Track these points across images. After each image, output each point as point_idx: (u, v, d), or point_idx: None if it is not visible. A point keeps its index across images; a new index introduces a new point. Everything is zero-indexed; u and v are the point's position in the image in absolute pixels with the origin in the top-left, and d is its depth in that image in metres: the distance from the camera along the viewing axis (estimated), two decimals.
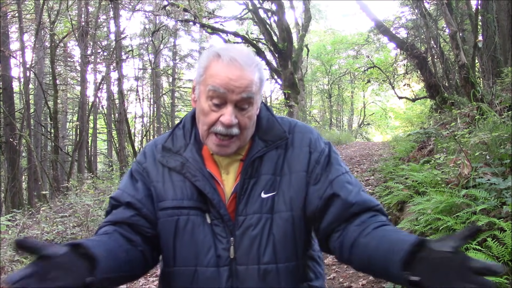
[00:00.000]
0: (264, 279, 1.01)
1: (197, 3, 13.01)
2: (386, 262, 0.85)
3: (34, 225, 5.88)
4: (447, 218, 2.64)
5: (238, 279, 1.01)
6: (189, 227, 1.03)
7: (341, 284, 3.76)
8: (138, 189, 1.07)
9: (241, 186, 1.03)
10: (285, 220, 1.02)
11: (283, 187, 1.04)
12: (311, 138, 1.10)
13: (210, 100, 1.00)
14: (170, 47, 20.62)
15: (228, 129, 1.00)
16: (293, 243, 1.03)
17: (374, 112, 27.84)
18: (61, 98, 16.87)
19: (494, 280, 2.01)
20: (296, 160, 1.06)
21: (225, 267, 1.01)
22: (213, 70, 1.01)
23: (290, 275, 1.03)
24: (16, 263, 4.08)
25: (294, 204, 1.03)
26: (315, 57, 24.56)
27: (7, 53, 9.67)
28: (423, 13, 9.39)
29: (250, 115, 1.03)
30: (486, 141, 3.54)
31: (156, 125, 19.28)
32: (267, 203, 1.02)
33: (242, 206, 1.02)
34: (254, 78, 1.02)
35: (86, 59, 12.44)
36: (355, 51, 20.04)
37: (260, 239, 1.01)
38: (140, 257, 1.03)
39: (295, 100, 13.80)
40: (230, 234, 1.02)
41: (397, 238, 0.87)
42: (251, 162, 1.04)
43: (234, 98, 0.99)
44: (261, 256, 1.01)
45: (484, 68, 7.03)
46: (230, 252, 1.01)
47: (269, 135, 1.08)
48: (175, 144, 1.09)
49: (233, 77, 0.98)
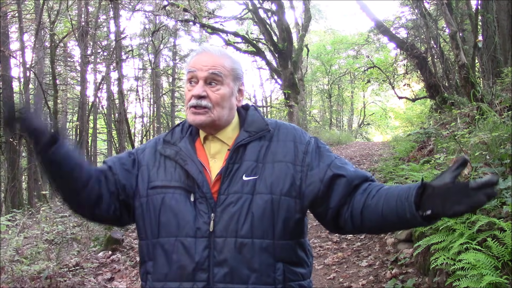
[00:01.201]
0: (240, 251, 1.13)
1: (197, 3, 13.01)
2: (399, 211, 1.03)
3: (34, 225, 5.88)
4: (447, 218, 2.64)
5: (216, 249, 1.13)
6: (173, 203, 1.18)
7: (341, 284, 3.76)
8: (125, 162, 1.29)
9: (225, 169, 1.18)
10: (264, 201, 1.15)
11: (265, 173, 1.18)
12: (295, 134, 1.26)
13: (187, 82, 1.24)
14: (170, 47, 20.61)
15: (198, 100, 1.20)
16: (270, 222, 1.15)
17: (374, 112, 27.83)
18: (61, 98, 16.87)
19: (494, 280, 2.01)
20: (280, 152, 1.21)
21: (203, 239, 1.14)
22: (190, 60, 1.26)
23: (265, 251, 1.14)
24: (16, 263, 4.08)
25: (274, 188, 1.16)
26: (315, 57, 24.54)
27: (7, 53, 9.67)
28: (423, 13, 9.39)
29: (221, 93, 1.22)
30: (486, 141, 3.54)
31: (156, 125, 19.27)
32: (248, 185, 1.16)
33: (225, 186, 1.17)
34: (223, 63, 1.23)
35: (86, 59, 12.44)
36: (355, 51, 20.02)
37: (239, 215, 1.14)
38: (97, 190, 1.22)
39: (295, 100, 13.80)
40: (212, 210, 1.16)
41: (402, 189, 1.05)
42: (236, 149, 1.20)
43: (203, 74, 1.21)
44: (238, 230, 1.14)
45: (484, 68, 7.03)
46: (210, 226, 1.14)
47: (252, 127, 1.25)
48: (173, 137, 1.29)
49: (203, 59, 1.23)
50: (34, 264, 4.07)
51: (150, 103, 20.23)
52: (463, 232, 2.47)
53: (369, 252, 4.42)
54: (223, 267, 1.13)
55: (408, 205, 1.01)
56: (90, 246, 5.55)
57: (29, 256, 4.27)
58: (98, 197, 1.22)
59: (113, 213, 1.26)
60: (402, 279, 3.40)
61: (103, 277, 4.56)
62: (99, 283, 4.40)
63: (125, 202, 1.26)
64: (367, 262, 4.12)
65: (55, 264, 4.24)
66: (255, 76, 36.63)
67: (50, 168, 1.16)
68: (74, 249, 5.28)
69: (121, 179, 1.25)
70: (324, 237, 5.35)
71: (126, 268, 4.83)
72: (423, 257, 3.23)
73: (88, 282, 4.37)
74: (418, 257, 3.33)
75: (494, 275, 2.05)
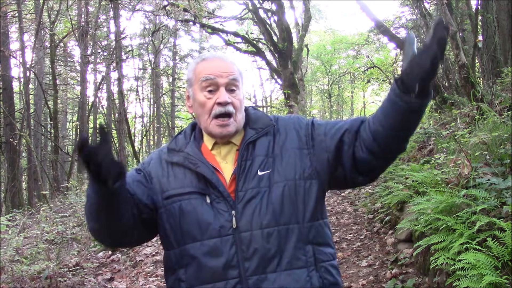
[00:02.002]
0: (268, 241, 1.14)
1: (197, 3, 13.01)
2: (390, 100, 1.08)
3: (34, 225, 5.88)
4: (447, 218, 2.64)
5: (243, 244, 1.14)
6: (190, 209, 1.18)
7: None
8: (137, 179, 1.26)
9: (239, 167, 1.20)
10: (281, 188, 1.18)
11: (277, 165, 1.21)
12: (294, 121, 1.30)
13: (204, 90, 1.23)
14: (170, 47, 20.62)
15: (225, 107, 1.20)
16: (291, 207, 1.18)
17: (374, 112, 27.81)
18: (61, 98, 16.87)
19: (494, 280, 2.01)
20: (286, 142, 1.25)
21: (228, 236, 1.15)
22: (201, 68, 1.25)
23: (292, 236, 1.16)
24: (16, 263, 4.08)
25: (288, 175, 1.20)
26: (315, 57, 24.53)
27: (7, 53, 9.67)
28: (423, 13, 9.39)
29: (240, 98, 1.25)
30: (486, 141, 3.54)
31: (156, 125, 19.28)
32: (264, 179, 1.19)
33: (242, 184, 1.18)
34: (235, 68, 1.26)
35: (86, 59, 12.44)
36: (355, 51, 20.02)
37: (260, 207, 1.16)
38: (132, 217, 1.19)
39: (295, 100, 13.80)
40: (231, 208, 1.17)
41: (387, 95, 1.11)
42: (246, 146, 1.22)
43: (224, 81, 1.22)
44: (263, 221, 1.15)
45: (484, 68, 7.03)
46: (232, 223, 1.15)
47: (258, 124, 1.27)
48: (177, 144, 1.29)
49: (219, 65, 1.24)
50: (34, 264, 4.07)
51: (150, 103, 20.25)
52: (463, 232, 2.47)
53: (369, 252, 4.42)
54: (253, 260, 1.13)
55: (392, 90, 1.07)
56: (90, 246, 5.55)
57: (29, 256, 4.27)
58: (132, 226, 1.20)
59: (138, 238, 1.25)
60: (402, 279, 3.40)
61: (103, 277, 4.56)
62: (99, 283, 4.40)
63: (147, 219, 1.23)
64: (367, 262, 4.12)
65: (55, 264, 4.25)
66: (255, 76, 36.64)
67: (106, 200, 1.10)
68: (74, 249, 5.28)
69: (141, 197, 1.22)
70: None
71: (126, 268, 4.83)
72: (423, 257, 3.23)
73: (88, 282, 4.36)
74: (418, 257, 3.33)
75: (494, 275, 2.05)
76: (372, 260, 4.13)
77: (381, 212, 4.97)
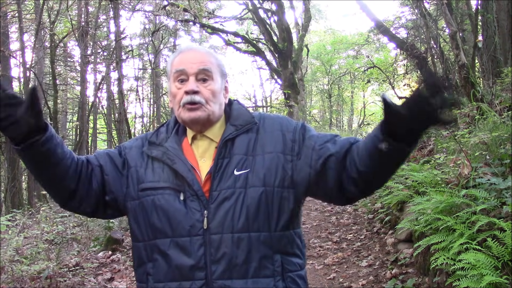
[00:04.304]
0: (238, 246, 1.12)
1: (197, 3, 13.00)
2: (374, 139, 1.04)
3: (34, 225, 5.88)
4: (447, 218, 2.65)
5: (212, 246, 1.12)
6: (163, 204, 1.16)
7: (341, 284, 3.76)
8: (116, 161, 1.26)
9: (215, 165, 1.17)
10: (259, 194, 1.14)
11: (256, 166, 1.16)
12: (281, 123, 1.25)
13: (176, 81, 1.22)
14: (170, 47, 20.60)
15: (192, 96, 1.18)
16: (265, 215, 1.14)
17: (374, 112, 27.81)
18: (61, 98, 16.87)
19: (494, 280, 2.01)
20: (269, 142, 1.20)
21: (198, 237, 1.13)
22: (175, 61, 1.24)
23: (262, 244, 1.13)
24: (16, 263, 4.08)
25: (267, 180, 1.15)
26: (315, 57, 24.53)
27: (7, 53, 9.67)
28: (423, 13, 9.38)
29: (212, 88, 1.21)
30: (486, 141, 3.54)
31: (156, 125, 19.26)
32: (240, 179, 1.15)
33: (217, 183, 1.15)
34: (210, 59, 1.23)
35: (86, 59, 12.44)
36: (355, 51, 20.00)
37: (234, 210, 1.13)
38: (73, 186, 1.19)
39: (295, 100, 13.80)
40: (204, 208, 1.14)
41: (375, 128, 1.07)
42: (224, 143, 1.19)
43: (193, 70, 1.20)
44: (235, 225, 1.12)
45: (484, 68, 7.03)
46: (203, 224, 1.13)
47: (238, 121, 1.23)
48: (158, 138, 1.26)
49: (190, 56, 1.22)
50: (34, 264, 4.07)
51: (150, 103, 20.23)
52: (463, 232, 2.47)
53: (369, 252, 4.42)
54: (220, 263, 1.12)
55: (374, 132, 1.04)
56: (90, 246, 5.55)
57: (29, 256, 4.27)
58: (72, 192, 1.20)
59: (91, 208, 1.24)
60: (402, 279, 3.40)
61: (103, 277, 4.56)
62: (99, 283, 4.40)
63: (110, 202, 1.24)
64: (367, 262, 4.12)
65: (55, 264, 4.24)
66: (255, 76, 36.63)
67: (34, 159, 1.12)
68: (74, 249, 5.28)
69: (112, 181, 1.23)
70: (324, 237, 5.35)
71: (126, 268, 4.83)
72: (423, 257, 3.23)
73: (88, 282, 4.36)
74: (418, 257, 3.33)
75: (494, 275, 2.05)
76: (372, 260, 4.13)
77: (381, 212, 4.98)
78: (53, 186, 1.20)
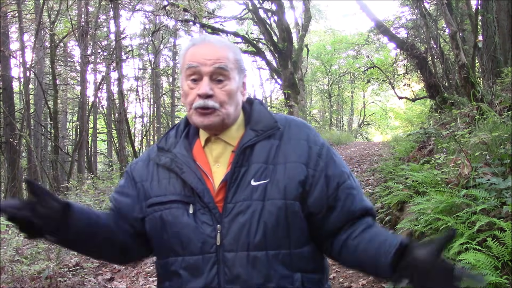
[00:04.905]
0: (254, 266, 1.01)
1: (197, 3, 13.01)
2: (375, 265, 0.97)
3: None
4: (447, 218, 2.64)
5: (226, 265, 1.01)
6: (171, 219, 1.06)
7: (341, 284, 3.76)
8: (125, 190, 1.18)
9: (231, 174, 1.05)
10: (278, 207, 1.02)
11: (277, 176, 1.05)
12: (308, 133, 1.12)
13: (188, 79, 1.09)
14: (170, 47, 20.60)
15: (205, 100, 1.05)
16: (285, 231, 1.03)
17: (374, 112, 27.83)
18: (61, 98, 16.87)
19: (494, 280, 2.01)
20: (293, 151, 1.08)
21: (211, 254, 1.02)
22: (188, 54, 1.10)
23: (281, 263, 1.02)
24: (16, 263, 4.08)
25: (288, 193, 1.04)
26: (315, 57, 24.54)
27: (7, 53, 9.67)
28: (423, 13, 9.39)
29: (228, 90, 1.07)
30: (486, 141, 3.54)
31: (156, 125, 19.27)
32: (258, 191, 1.03)
33: (232, 194, 1.04)
34: (227, 55, 1.09)
35: (86, 59, 12.44)
36: (355, 51, 20.01)
37: (250, 225, 1.01)
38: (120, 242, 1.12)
39: (295, 100, 13.80)
40: (217, 222, 1.03)
41: (383, 241, 0.98)
42: (242, 150, 1.06)
43: (208, 69, 1.06)
44: (251, 242, 1.01)
45: (484, 68, 7.03)
46: (216, 239, 1.02)
47: (259, 125, 1.10)
48: (167, 143, 1.15)
49: (204, 51, 1.08)
50: (34, 264, 4.07)
51: (150, 103, 20.24)
52: (463, 232, 2.47)
53: None
54: (235, 284, 1.01)
55: (383, 265, 0.95)
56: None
57: (29, 256, 4.27)
58: (122, 250, 1.14)
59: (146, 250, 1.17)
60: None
61: (103, 277, 4.56)
62: (99, 283, 4.40)
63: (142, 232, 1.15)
64: None
65: (55, 264, 4.24)
66: (255, 76, 36.62)
67: (69, 243, 1.07)
68: None
69: (128, 211, 1.14)
70: None
71: (126, 268, 4.83)
72: None
73: (88, 282, 4.36)
74: None
75: (494, 275, 2.05)
76: None
77: (381, 212, 4.97)
78: (103, 253, 1.15)
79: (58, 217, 0.98)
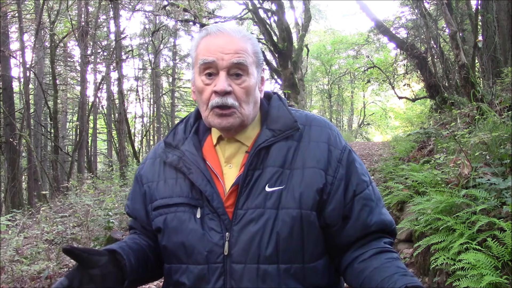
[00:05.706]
0: (264, 281, 0.92)
1: (197, 3, 13.00)
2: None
3: (34, 225, 5.88)
4: (447, 218, 2.64)
5: (233, 278, 0.93)
6: (175, 224, 0.98)
7: None
8: (135, 197, 1.12)
9: (244, 177, 0.95)
10: (292, 217, 0.93)
11: (293, 182, 0.95)
12: (330, 134, 1.02)
13: (202, 74, 0.98)
14: (170, 47, 20.62)
15: (223, 98, 0.95)
16: (299, 243, 0.94)
17: (374, 112, 27.84)
18: (61, 98, 16.86)
19: (494, 280, 2.01)
20: (312, 155, 0.98)
21: (217, 265, 0.93)
22: (202, 45, 0.99)
23: (293, 278, 0.93)
24: (16, 263, 4.08)
25: (304, 201, 0.94)
26: (315, 57, 24.56)
27: (7, 53, 9.67)
28: (423, 13, 9.39)
29: (247, 86, 0.97)
30: (486, 141, 3.54)
31: (156, 125, 19.28)
32: (272, 198, 0.94)
33: (243, 200, 0.94)
34: (246, 46, 0.98)
35: (86, 59, 12.44)
36: (355, 51, 20.02)
37: (262, 236, 0.92)
38: (153, 259, 1.08)
39: (295, 100, 13.80)
40: (226, 229, 0.94)
41: (389, 276, 0.89)
42: (257, 152, 0.96)
43: (225, 64, 0.95)
44: (261, 254, 0.92)
45: (484, 68, 7.03)
46: (224, 249, 0.93)
47: (277, 124, 1.00)
48: (175, 138, 1.06)
49: (221, 43, 0.96)
50: (34, 264, 4.07)
51: (150, 103, 20.25)
52: (463, 232, 2.47)
53: None
54: None
55: None
56: (90, 246, 5.55)
57: (29, 256, 4.27)
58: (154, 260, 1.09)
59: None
60: None
61: None
62: None
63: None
64: None
65: (55, 264, 4.24)
66: None
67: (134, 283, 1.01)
68: None
69: (142, 216, 1.09)
70: None
71: None
72: (423, 257, 3.23)
73: None
74: (418, 257, 3.33)
75: (494, 275, 2.04)
76: None
77: None
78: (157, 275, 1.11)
79: (111, 268, 0.92)
